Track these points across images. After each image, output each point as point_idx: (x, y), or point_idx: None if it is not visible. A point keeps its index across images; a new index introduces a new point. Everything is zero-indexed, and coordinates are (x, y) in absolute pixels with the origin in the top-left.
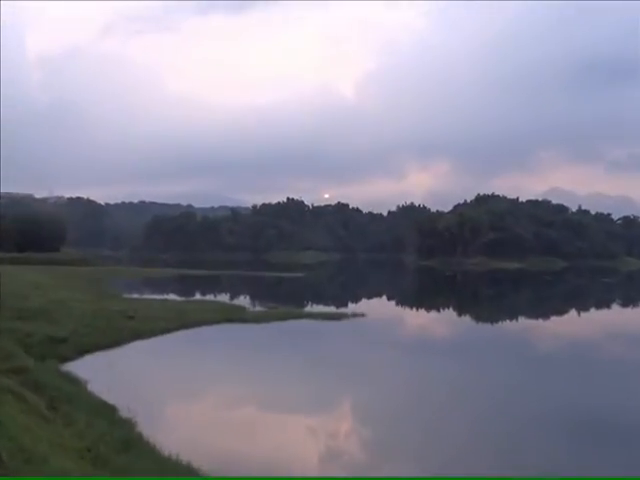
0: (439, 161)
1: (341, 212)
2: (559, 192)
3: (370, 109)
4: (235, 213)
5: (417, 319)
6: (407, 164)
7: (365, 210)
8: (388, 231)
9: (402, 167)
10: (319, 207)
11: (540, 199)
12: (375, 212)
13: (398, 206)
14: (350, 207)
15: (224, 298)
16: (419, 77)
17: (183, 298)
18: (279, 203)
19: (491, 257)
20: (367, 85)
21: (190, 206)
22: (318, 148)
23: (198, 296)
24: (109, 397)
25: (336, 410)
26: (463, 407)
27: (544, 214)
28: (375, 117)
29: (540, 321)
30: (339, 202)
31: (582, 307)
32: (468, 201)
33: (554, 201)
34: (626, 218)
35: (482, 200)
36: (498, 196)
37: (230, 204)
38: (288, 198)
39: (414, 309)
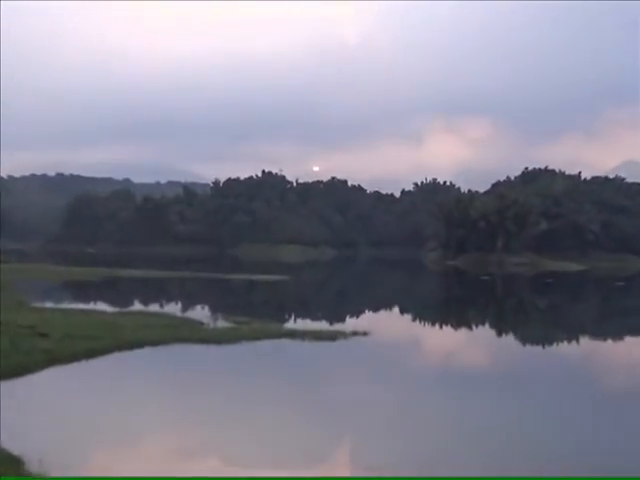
0: (472, 123)
1: (337, 191)
2: (635, 167)
3: (378, 53)
4: (189, 192)
5: (441, 341)
6: (428, 127)
7: (370, 189)
8: (402, 218)
9: (421, 131)
10: (306, 184)
11: (610, 176)
12: (384, 192)
13: (416, 184)
14: (349, 185)
15: (174, 309)
16: (445, 10)
17: (117, 309)
18: (251, 178)
19: (543, 255)
20: (374, 22)
21: (127, 181)
22: (306, 104)
23: (138, 306)
24: (12, 446)
25: None
26: None
27: (615, 197)
28: (384, 63)
29: (614, 346)
30: (334, 177)
31: None
32: (512, 178)
33: (629, 179)
34: None
35: (531, 177)
36: (553, 171)
37: (182, 179)
38: (264, 171)
39: (437, 327)
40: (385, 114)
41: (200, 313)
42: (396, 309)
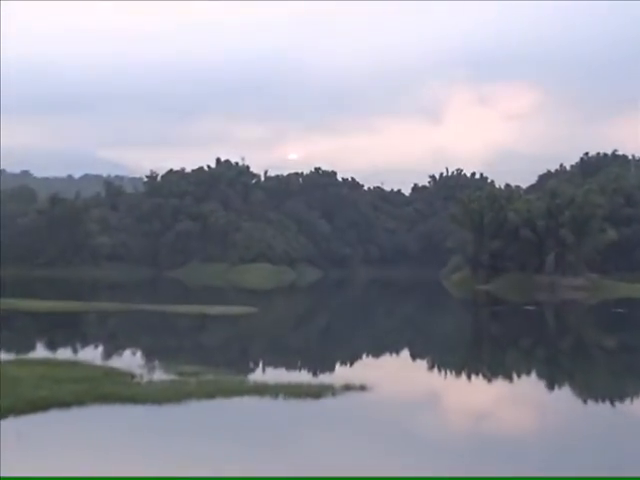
0: (510, 91)
1: (322, 188)
2: None
3: None
4: (114, 190)
5: (467, 398)
6: (448, 97)
7: (369, 184)
8: (413, 225)
9: (439, 103)
10: (280, 178)
11: None
12: (388, 188)
13: (433, 177)
14: (340, 178)
15: (94, 355)
16: None
17: (13, 355)
18: (201, 170)
19: (610, 275)
20: None
21: (26, 175)
22: (277, 67)
23: (43, 352)
24: None
25: None
26: None
27: None
28: (386, 8)
29: None
30: (318, 169)
31: None
32: (567, 167)
33: None
34: None
35: (593, 166)
36: (624, 158)
37: (105, 171)
38: (219, 161)
39: (462, 378)
40: (388, 79)
41: (130, 361)
42: (405, 353)
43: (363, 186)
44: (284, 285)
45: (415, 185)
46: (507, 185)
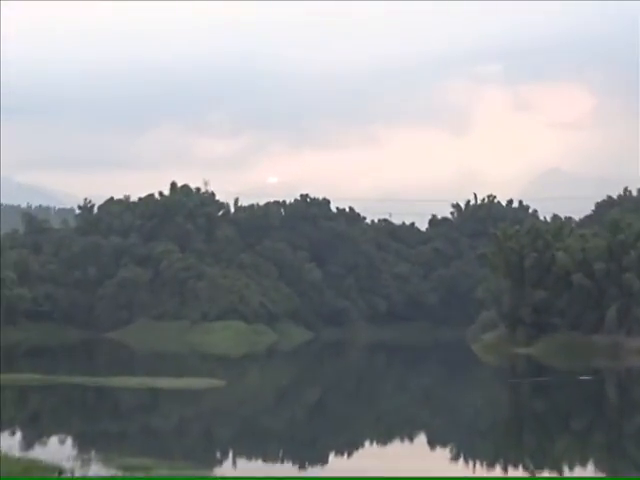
0: (553, 91)
1: (310, 221)
2: None
3: None
4: (35, 224)
5: None
6: (474, 99)
7: (372, 216)
8: (430, 269)
9: (462, 107)
10: (254, 209)
11: None
12: (398, 221)
13: (456, 206)
14: (334, 209)
15: (9, 443)
16: None
17: None
18: (151, 198)
19: None
20: None
21: None
22: (250, 68)
23: None
24: None
25: None
26: None
27: None
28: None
29: None
30: (305, 196)
31: None
32: (632, 193)
33: None
34: None
35: None
36: None
37: (21, 201)
38: (174, 186)
39: (499, 471)
40: (396, 78)
41: (58, 451)
42: (421, 438)
43: (365, 218)
44: (261, 350)
45: (434, 217)
46: (554, 216)
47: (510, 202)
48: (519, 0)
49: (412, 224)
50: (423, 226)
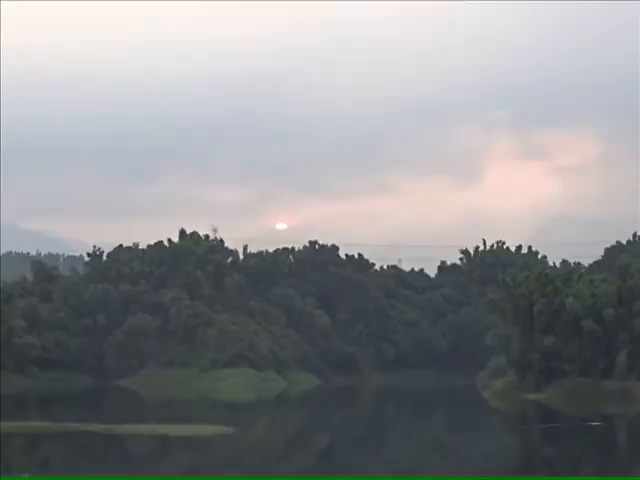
0: (560, 137)
1: (318, 267)
2: None
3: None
4: (44, 272)
5: None
6: (482, 145)
7: (381, 263)
8: (439, 315)
9: (470, 153)
10: (263, 255)
11: None
12: (407, 267)
13: (465, 252)
14: (342, 254)
15: None
16: None
17: None
18: (161, 246)
19: None
20: None
21: None
22: (259, 112)
23: None
24: None
25: None
26: None
27: None
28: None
29: None
30: (314, 242)
31: None
32: None
33: None
34: None
35: None
36: None
37: (30, 248)
38: (183, 234)
39: None
40: (406, 126)
41: None
42: None
43: (374, 265)
44: (270, 397)
45: (442, 263)
46: (564, 262)
47: (519, 248)
48: (525, 46)
49: (421, 270)
50: (432, 272)
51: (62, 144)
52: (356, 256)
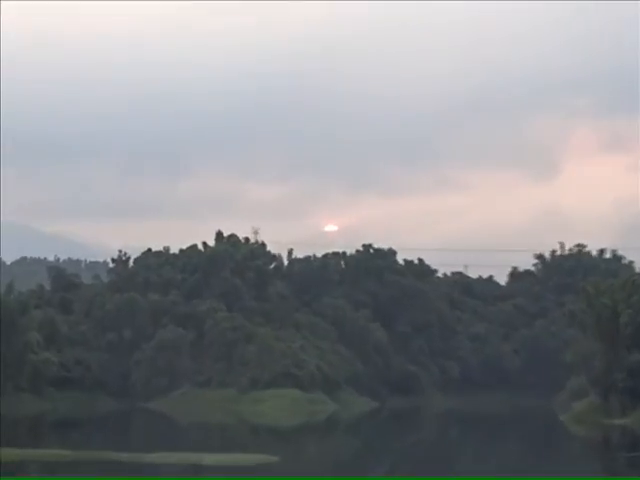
0: None
1: (373, 274)
2: None
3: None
4: (63, 280)
5: None
6: (559, 135)
7: (445, 269)
8: (512, 330)
9: (546, 145)
10: (310, 261)
11: None
12: (473, 275)
13: (540, 258)
14: (400, 260)
15: None
16: None
17: None
18: (195, 250)
19: None
20: None
21: None
22: (305, 102)
23: None
24: None
25: None
26: None
27: None
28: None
29: None
30: (368, 246)
31: None
32: None
33: None
34: None
35: None
36: None
37: (48, 253)
38: (220, 235)
39: None
40: (472, 113)
41: None
42: None
43: (436, 272)
44: (319, 421)
45: (514, 269)
46: None
47: (602, 252)
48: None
49: (490, 277)
50: (502, 280)
51: (85, 139)
52: (416, 261)
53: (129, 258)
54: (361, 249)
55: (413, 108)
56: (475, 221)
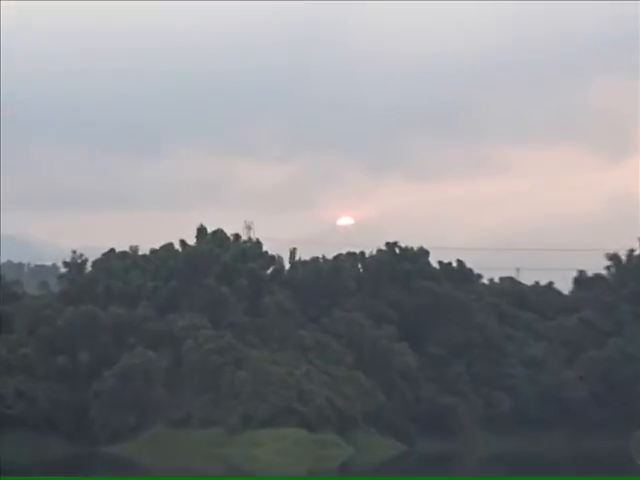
0: None
1: (398, 279)
2: None
3: None
4: (1, 288)
5: None
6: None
7: (490, 273)
8: (578, 352)
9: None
10: (318, 263)
11: None
12: (527, 280)
13: (614, 259)
14: (432, 261)
15: None
16: None
17: None
18: (169, 249)
19: None
20: None
21: None
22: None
23: None
24: None
25: None
26: None
27: None
28: None
29: None
30: (392, 244)
31: None
32: None
33: None
34: None
35: None
36: None
37: None
38: (202, 230)
39: None
40: (517, 76)
41: None
42: None
43: (480, 277)
44: (330, 468)
45: (581, 274)
46: None
47: None
48: None
49: (549, 284)
50: (565, 287)
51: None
52: (454, 264)
53: (86, 261)
54: (384, 248)
55: (448, 69)
56: (527, 211)
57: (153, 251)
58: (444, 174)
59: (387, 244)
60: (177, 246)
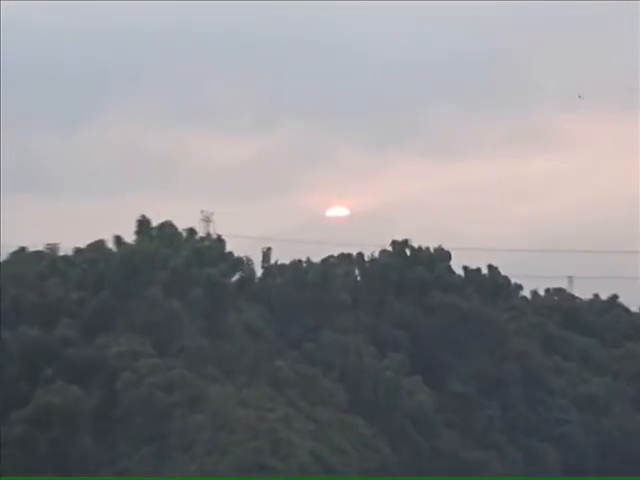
0: None
1: (409, 290)
2: None
3: None
4: None
5: None
6: None
7: (532, 284)
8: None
9: None
10: (301, 269)
11: None
12: (581, 294)
13: None
14: (456, 267)
15: None
16: None
17: None
18: (100, 248)
19: None
20: None
21: None
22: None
23: None
24: None
25: None
26: None
27: None
28: None
29: None
30: (399, 243)
31: None
32: None
33: None
34: None
35: None
36: None
37: None
38: (144, 222)
39: None
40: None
41: None
42: None
43: (520, 288)
44: None
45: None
46: None
47: None
48: None
49: (613, 298)
50: (635, 302)
51: None
52: (484, 270)
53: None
54: (389, 248)
55: (472, 14)
56: (588, 201)
57: (78, 251)
58: (469, 150)
59: (394, 243)
60: (110, 244)
